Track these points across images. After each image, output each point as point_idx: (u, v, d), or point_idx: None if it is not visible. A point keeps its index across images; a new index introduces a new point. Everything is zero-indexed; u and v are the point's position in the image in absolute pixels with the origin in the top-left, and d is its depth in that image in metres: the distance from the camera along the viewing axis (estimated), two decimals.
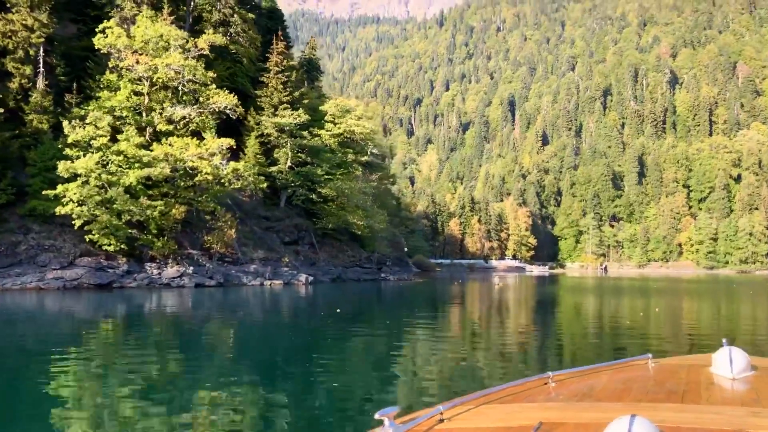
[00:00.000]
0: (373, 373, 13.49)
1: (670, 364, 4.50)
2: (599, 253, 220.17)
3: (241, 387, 11.35)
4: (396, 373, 13.64)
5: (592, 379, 3.93)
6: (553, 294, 51.41)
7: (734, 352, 3.88)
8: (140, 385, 11.51)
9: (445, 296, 45.53)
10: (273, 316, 28.60)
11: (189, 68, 46.39)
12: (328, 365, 14.23)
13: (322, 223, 64.78)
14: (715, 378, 3.83)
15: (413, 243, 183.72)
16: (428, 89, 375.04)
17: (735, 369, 3.78)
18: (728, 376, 3.76)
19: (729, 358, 3.83)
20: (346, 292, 47.71)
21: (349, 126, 69.50)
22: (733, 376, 3.74)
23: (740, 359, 3.86)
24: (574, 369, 4.14)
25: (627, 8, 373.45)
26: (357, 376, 13.07)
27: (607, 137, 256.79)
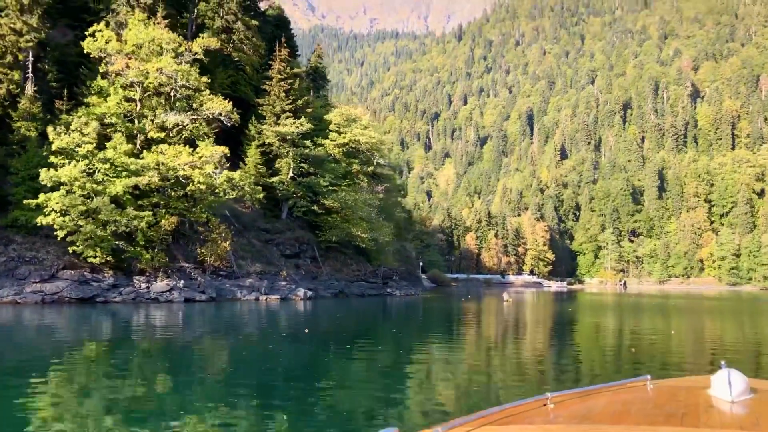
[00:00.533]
0: (363, 395, 12.89)
1: (668, 385, 4.41)
2: (618, 269, 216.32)
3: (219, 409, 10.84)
4: (390, 395, 12.99)
5: (590, 401, 3.92)
6: (567, 312, 48.74)
7: (733, 374, 3.82)
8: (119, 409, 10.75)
9: (449, 314, 43.10)
10: (251, 335, 26.35)
11: (182, 73, 44.46)
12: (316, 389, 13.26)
13: (325, 236, 62.44)
14: (714, 401, 3.80)
15: (429, 257, 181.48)
16: (446, 103, 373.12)
17: (734, 392, 3.72)
18: (727, 399, 3.71)
19: (728, 380, 3.77)
20: (346, 308, 45.43)
21: (354, 135, 67.28)
22: (732, 399, 3.69)
23: (739, 382, 3.79)
24: (573, 390, 4.07)
25: (648, 21, 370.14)
26: (346, 398, 12.46)
27: (626, 151, 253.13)
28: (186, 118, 44.78)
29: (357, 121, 70.71)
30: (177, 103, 45.76)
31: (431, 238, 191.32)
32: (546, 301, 71.65)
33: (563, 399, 3.83)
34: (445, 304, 52.35)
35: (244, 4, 65.96)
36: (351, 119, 69.60)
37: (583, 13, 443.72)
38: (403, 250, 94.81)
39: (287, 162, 59.73)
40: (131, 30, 45.39)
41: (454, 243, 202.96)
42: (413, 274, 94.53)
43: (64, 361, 16.96)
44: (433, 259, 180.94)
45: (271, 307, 42.31)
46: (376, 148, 72.51)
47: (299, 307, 43.76)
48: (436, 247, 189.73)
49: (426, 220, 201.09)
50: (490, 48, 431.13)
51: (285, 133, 59.01)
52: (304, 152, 60.84)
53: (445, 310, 45.36)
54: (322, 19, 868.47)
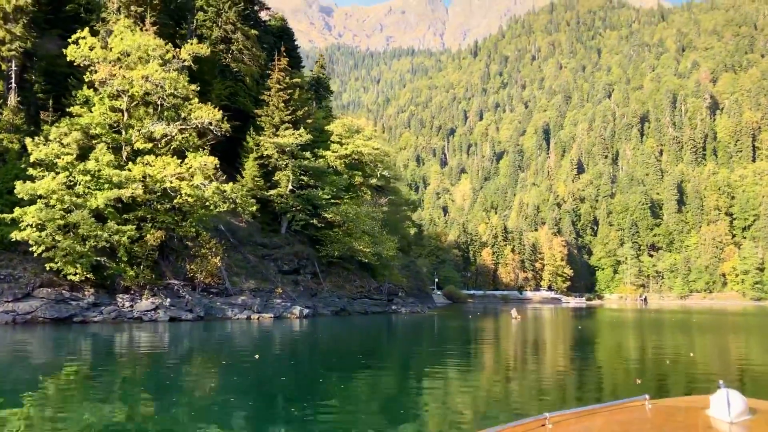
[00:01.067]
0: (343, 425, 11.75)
1: (666, 405, 4.41)
2: (638, 284, 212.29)
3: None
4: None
5: (588, 421, 3.95)
6: (581, 330, 45.96)
7: (732, 394, 3.78)
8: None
9: (450, 334, 40.49)
10: (215, 358, 24.03)
11: (169, 81, 42.41)
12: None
13: (326, 251, 60.00)
14: (712, 422, 3.78)
15: (444, 273, 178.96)
16: (462, 119, 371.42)
17: (733, 413, 3.71)
18: (726, 420, 3.70)
19: (726, 401, 3.75)
20: (342, 327, 43.01)
21: (356, 146, 64.88)
22: (731, 420, 3.68)
23: (738, 402, 3.77)
24: (572, 410, 4.06)
25: (665, 34, 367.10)
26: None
27: (644, 164, 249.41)
28: (174, 128, 42.68)
29: (360, 132, 68.37)
30: (165, 112, 43.69)
31: (446, 254, 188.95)
32: (563, 317, 68.83)
33: (562, 419, 3.84)
34: (450, 323, 49.71)
35: (244, 14, 64.22)
36: (353, 130, 67.30)
37: (600, 27, 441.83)
38: (412, 265, 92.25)
39: (286, 174, 57.48)
40: (116, 36, 43.41)
41: (470, 259, 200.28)
42: (423, 290, 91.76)
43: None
44: (448, 276, 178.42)
45: (263, 326, 39.99)
46: (379, 160, 70.00)
47: (294, 326, 41.41)
48: (452, 263, 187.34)
49: (441, 236, 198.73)
50: (506, 63, 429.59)
51: (284, 144, 56.84)
52: (304, 164, 58.54)
53: (448, 330, 42.78)
54: (339, 38, 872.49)
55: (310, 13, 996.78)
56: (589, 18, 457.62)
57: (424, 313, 63.32)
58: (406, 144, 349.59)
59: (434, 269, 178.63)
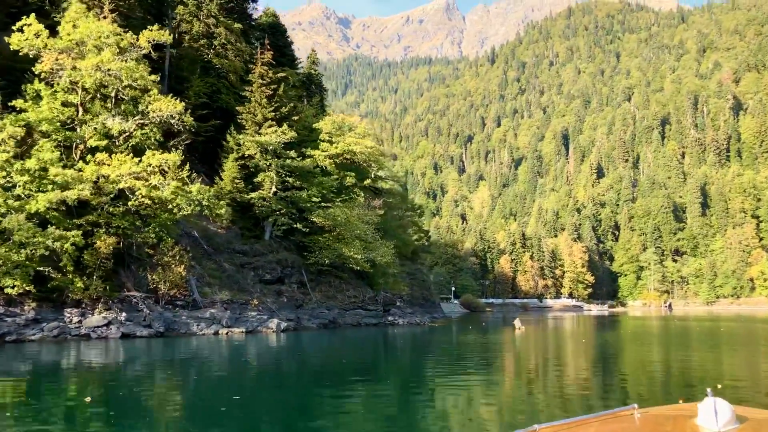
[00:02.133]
0: None
1: (655, 414, 4.43)
2: (662, 290, 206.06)
3: None
4: None
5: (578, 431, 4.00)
6: (598, 344, 41.18)
7: (719, 403, 3.86)
8: None
9: (448, 348, 35.97)
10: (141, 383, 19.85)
11: (126, 71, 38.36)
12: None
13: (314, 258, 55.41)
14: (700, 430, 3.85)
15: (461, 282, 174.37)
16: (479, 126, 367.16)
17: (720, 421, 3.78)
18: (714, 429, 3.77)
19: (714, 409, 3.84)
20: (323, 341, 38.63)
21: (347, 145, 60.28)
22: (719, 429, 3.76)
23: (725, 411, 3.84)
24: (561, 421, 4.13)
25: (685, 36, 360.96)
26: None
27: (666, 167, 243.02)
28: (132, 124, 38.59)
29: (352, 129, 63.87)
30: (122, 106, 39.64)
31: (463, 262, 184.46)
32: (578, 327, 64.10)
33: (552, 430, 3.92)
34: (443, 337, 44.83)
35: (227, 7, 60.32)
36: (345, 127, 62.80)
37: (618, 30, 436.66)
38: (418, 273, 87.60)
39: (269, 176, 53.07)
40: (68, 23, 39.43)
41: (488, 266, 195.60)
42: (430, 300, 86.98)
43: None
44: (466, 284, 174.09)
45: (233, 341, 35.75)
46: (373, 159, 65.39)
47: (268, 341, 37.12)
48: (469, 271, 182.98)
49: (458, 243, 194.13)
50: (524, 69, 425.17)
51: (266, 143, 52.52)
52: (289, 164, 54.06)
53: (439, 345, 38.19)
54: (357, 49, 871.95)
55: (328, 24, 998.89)
56: (608, 22, 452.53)
57: (423, 325, 58.54)
58: (423, 152, 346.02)
59: (451, 278, 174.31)
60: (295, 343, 36.35)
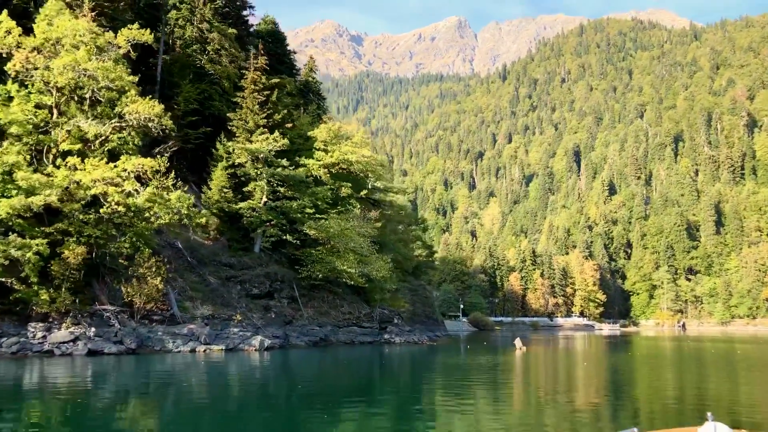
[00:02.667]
0: None
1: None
2: (676, 309, 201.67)
3: None
4: None
5: None
6: (605, 367, 38.20)
7: (719, 427, 4.13)
8: None
9: (440, 371, 33.16)
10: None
11: (102, 70, 35.97)
12: None
13: (306, 272, 52.60)
14: None
15: (470, 299, 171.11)
16: (490, 142, 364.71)
17: None
18: None
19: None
20: (307, 361, 35.88)
21: (343, 154, 57.66)
22: None
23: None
24: None
25: (698, 53, 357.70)
26: None
27: (679, 185, 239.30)
28: (108, 127, 36.11)
29: (348, 138, 61.15)
30: (98, 108, 37.20)
31: (472, 279, 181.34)
32: (590, 347, 61.10)
33: None
34: (438, 358, 41.82)
35: (222, 11, 58.11)
36: (341, 136, 60.10)
37: (631, 48, 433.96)
38: (421, 289, 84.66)
39: (260, 185, 50.55)
40: (42, 20, 37.12)
41: (497, 284, 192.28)
42: (432, 317, 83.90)
43: None
44: (474, 302, 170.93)
45: (210, 360, 33.08)
46: (370, 169, 62.69)
47: (249, 360, 34.41)
48: (478, 289, 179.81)
49: (467, 260, 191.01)
50: (535, 86, 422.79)
51: (257, 150, 50.01)
52: (281, 173, 51.62)
53: (431, 367, 35.31)
54: (369, 66, 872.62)
55: (341, 42, 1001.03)
56: (620, 39, 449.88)
57: (422, 344, 55.49)
58: (433, 168, 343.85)
59: (459, 295, 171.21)
60: (275, 362, 33.66)
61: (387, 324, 58.45)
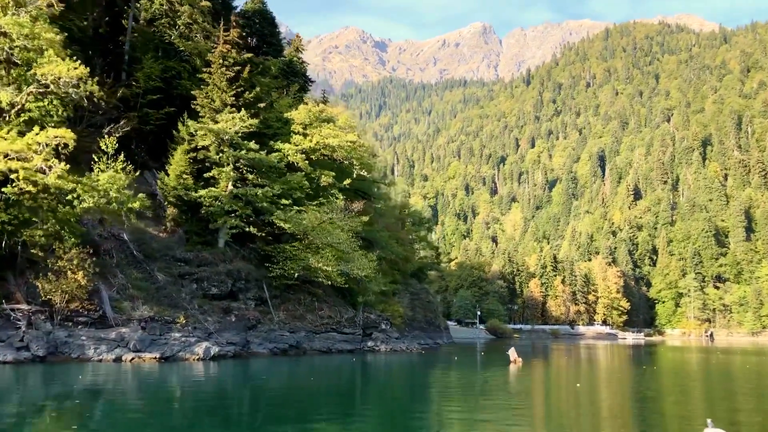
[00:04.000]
0: None
1: None
2: (703, 318, 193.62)
3: None
4: None
5: None
6: (622, 391, 32.14)
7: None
8: None
9: (420, 387, 27.30)
10: None
11: (15, 26, 30.61)
12: None
13: (278, 270, 46.68)
14: None
15: (487, 306, 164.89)
16: (513, 147, 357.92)
17: None
18: None
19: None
20: (260, 372, 30.20)
21: (323, 138, 51.76)
22: None
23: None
24: None
25: (728, 56, 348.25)
26: None
27: (707, 189, 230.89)
28: (24, 94, 30.75)
29: (332, 121, 55.16)
30: (14, 72, 31.90)
31: (490, 286, 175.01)
32: (609, 360, 54.97)
33: None
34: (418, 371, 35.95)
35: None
36: (322, 118, 54.16)
37: (657, 52, 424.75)
38: (423, 293, 78.47)
39: (226, 171, 44.92)
40: None
41: (517, 290, 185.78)
42: (434, 323, 77.63)
43: None
44: (492, 309, 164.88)
45: (139, 371, 27.52)
46: (356, 157, 56.19)
47: (187, 372, 28.78)
48: (496, 295, 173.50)
49: (485, 266, 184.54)
50: (560, 91, 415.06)
51: (222, 131, 44.31)
52: (249, 157, 45.90)
53: (404, 382, 29.46)
54: (393, 72, 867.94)
55: (365, 48, 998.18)
56: (646, 43, 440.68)
57: (410, 352, 49.40)
58: (455, 173, 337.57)
59: (477, 301, 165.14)
60: (213, 375, 28.01)
61: (372, 330, 52.27)
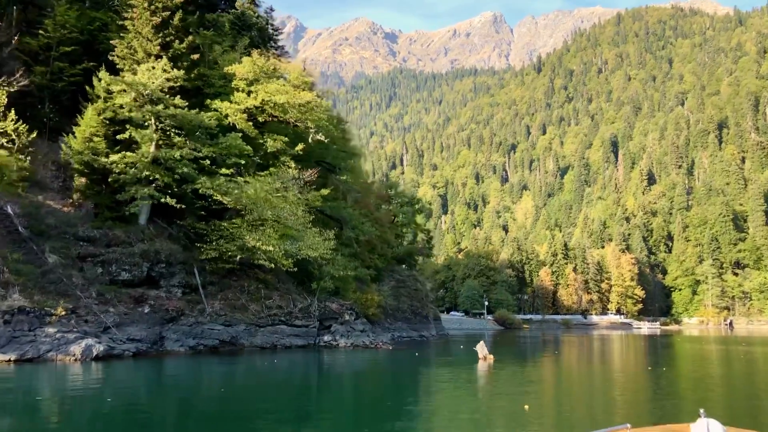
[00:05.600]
0: None
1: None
2: (722, 306, 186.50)
3: None
4: None
5: None
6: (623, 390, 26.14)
7: (712, 424, 4.08)
8: None
9: (326, 398, 21.37)
10: None
11: None
12: None
13: (212, 252, 39.84)
14: None
15: (495, 296, 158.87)
16: (524, 134, 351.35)
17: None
18: None
19: (707, 429, 4.09)
20: (148, 378, 24.27)
21: (269, 95, 44.09)
22: None
23: (718, 431, 3.52)
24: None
25: (743, 38, 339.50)
26: None
27: (724, 173, 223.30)
28: None
29: (283, 77, 47.81)
30: None
31: (498, 275, 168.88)
32: (617, 350, 49.06)
33: None
34: (366, 368, 29.88)
35: None
36: (270, 74, 46.72)
37: (671, 36, 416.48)
38: (409, 280, 71.36)
39: (147, 133, 38.38)
40: None
41: (526, 279, 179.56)
42: (419, 313, 70.09)
43: None
44: (500, 299, 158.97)
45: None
46: (312, 118, 47.52)
47: (50, 378, 22.85)
48: (505, 285, 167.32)
49: (493, 254, 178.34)
50: (571, 78, 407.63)
51: (137, 84, 37.82)
52: (170, 114, 38.87)
53: (346, 387, 23.51)
54: (403, 63, 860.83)
55: (375, 39, 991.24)
56: (659, 28, 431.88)
57: (377, 348, 42.36)
58: (464, 161, 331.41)
59: (485, 291, 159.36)
60: (72, 384, 22.04)
61: (332, 321, 45.53)
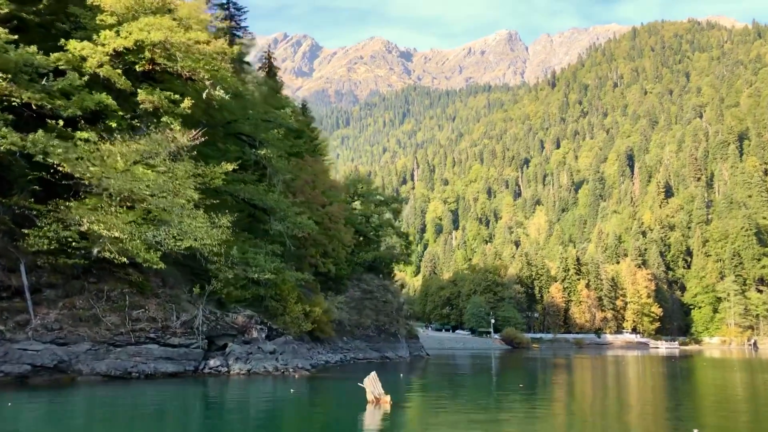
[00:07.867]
0: None
1: None
2: (745, 325, 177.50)
3: None
4: None
5: None
6: None
7: None
8: None
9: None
10: None
11: None
12: None
13: (42, 242, 29.01)
14: None
15: (503, 313, 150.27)
16: (537, 149, 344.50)
17: None
18: None
19: None
20: None
21: (144, 33, 32.86)
22: None
23: None
24: None
25: (762, 51, 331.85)
26: None
27: (746, 185, 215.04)
28: None
29: (171, 12, 35.36)
30: None
31: (506, 291, 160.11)
32: (629, 383, 41.35)
33: None
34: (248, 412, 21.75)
35: None
36: (148, 8, 34.59)
37: (687, 50, 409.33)
38: (379, 291, 61.34)
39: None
40: None
41: (536, 296, 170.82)
42: (387, 330, 59.36)
43: None
44: (508, 316, 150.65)
45: None
46: (206, 68, 35.72)
47: None
48: (513, 302, 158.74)
49: (500, 269, 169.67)
50: (586, 92, 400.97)
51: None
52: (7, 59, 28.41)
53: None
54: (418, 81, 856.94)
55: (390, 58, 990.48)
56: (675, 42, 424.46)
57: (284, 375, 32.36)
58: (476, 176, 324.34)
59: (491, 308, 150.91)
60: None
61: (229, 340, 35.24)
